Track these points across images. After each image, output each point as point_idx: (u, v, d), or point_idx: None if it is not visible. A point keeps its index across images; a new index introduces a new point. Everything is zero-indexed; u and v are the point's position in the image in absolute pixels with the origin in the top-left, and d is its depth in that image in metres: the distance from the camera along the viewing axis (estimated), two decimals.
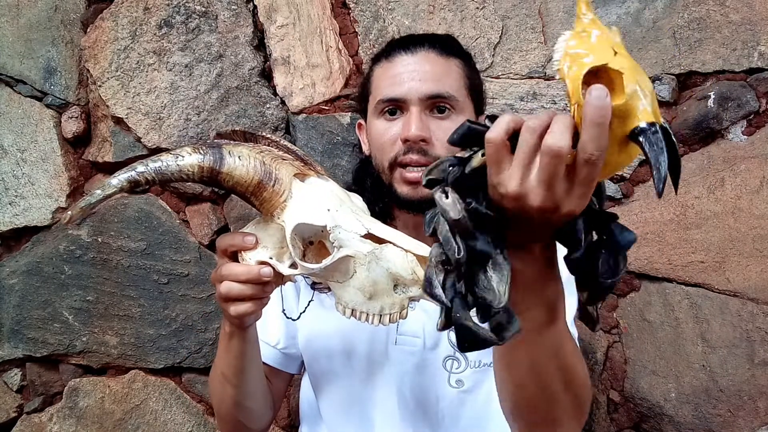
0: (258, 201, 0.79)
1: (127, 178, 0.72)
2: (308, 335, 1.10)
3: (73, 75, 1.64)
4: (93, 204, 0.71)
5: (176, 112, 1.55)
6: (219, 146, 0.77)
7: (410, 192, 1.01)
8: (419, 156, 0.99)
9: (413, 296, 0.78)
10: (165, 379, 1.60)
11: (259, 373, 1.02)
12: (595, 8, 1.38)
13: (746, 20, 1.32)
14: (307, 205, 0.78)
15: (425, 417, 1.03)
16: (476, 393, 1.03)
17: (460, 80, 1.04)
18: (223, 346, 0.95)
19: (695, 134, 1.35)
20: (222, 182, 0.76)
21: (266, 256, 0.80)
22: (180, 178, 0.74)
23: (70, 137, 1.63)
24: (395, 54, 1.05)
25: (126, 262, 1.57)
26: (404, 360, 1.03)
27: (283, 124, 1.53)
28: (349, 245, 0.76)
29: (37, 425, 1.65)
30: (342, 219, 0.77)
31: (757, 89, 1.33)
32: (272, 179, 0.77)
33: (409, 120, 0.99)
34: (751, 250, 1.31)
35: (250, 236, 0.81)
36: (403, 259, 0.77)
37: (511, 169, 0.54)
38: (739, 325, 1.30)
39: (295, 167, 0.80)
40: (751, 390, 1.29)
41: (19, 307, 1.63)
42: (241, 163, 0.76)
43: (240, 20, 1.53)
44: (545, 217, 0.55)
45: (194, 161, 0.74)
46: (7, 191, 1.65)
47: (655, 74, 1.36)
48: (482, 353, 1.00)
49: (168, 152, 0.75)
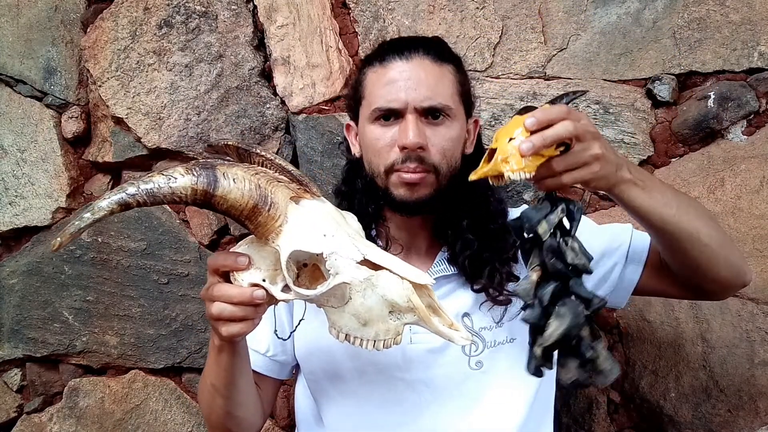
0: (253, 225, 0.77)
1: (118, 200, 0.70)
2: (307, 346, 1.10)
3: (73, 75, 1.64)
4: (82, 228, 0.69)
5: (176, 112, 1.55)
6: (213, 167, 0.74)
7: (407, 194, 1.02)
8: (416, 164, 1.00)
9: (408, 323, 0.78)
10: (165, 379, 1.60)
11: (249, 383, 1.02)
12: (595, 8, 1.38)
13: (746, 20, 1.32)
14: (302, 231, 0.76)
15: (450, 402, 1.04)
16: (495, 372, 1.05)
17: (453, 87, 1.05)
18: (213, 359, 0.95)
19: (695, 134, 1.35)
20: (216, 205, 0.74)
21: (259, 278, 0.79)
22: (172, 200, 0.72)
23: (70, 137, 1.63)
24: (390, 59, 1.05)
25: (126, 262, 1.57)
26: (423, 357, 1.04)
27: (283, 124, 1.53)
28: (345, 272, 0.75)
29: (37, 425, 1.65)
30: (338, 245, 0.76)
31: (757, 89, 1.33)
32: (268, 203, 0.75)
33: (406, 127, 1.00)
34: (751, 250, 1.31)
35: (243, 257, 0.80)
36: (399, 286, 0.76)
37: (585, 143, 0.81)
38: (739, 325, 1.31)
39: (291, 190, 0.79)
40: (751, 390, 1.29)
41: (19, 307, 1.63)
42: (236, 186, 0.74)
43: (240, 20, 1.53)
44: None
45: (187, 183, 0.72)
46: (7, 191, 1.65)
47: (655, 74, 1.36)
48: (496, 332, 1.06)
49: (160, 173, 0.72)
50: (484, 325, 1.06)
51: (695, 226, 0.94)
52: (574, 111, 0.81)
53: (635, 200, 0.89)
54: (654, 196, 0.90)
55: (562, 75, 1.40)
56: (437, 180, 1.02)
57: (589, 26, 1.39)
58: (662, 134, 1.38)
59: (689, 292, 1.08)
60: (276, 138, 1.53)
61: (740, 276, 1.03)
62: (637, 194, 0.89)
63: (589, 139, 0.81)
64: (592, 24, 1.39)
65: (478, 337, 1.05)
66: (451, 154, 1.04)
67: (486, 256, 1.05)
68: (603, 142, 0.83)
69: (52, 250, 0.71)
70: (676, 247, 0.96)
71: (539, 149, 0.78)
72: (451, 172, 1.04)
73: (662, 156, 1.38)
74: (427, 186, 1.02)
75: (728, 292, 1.09)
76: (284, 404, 1.56)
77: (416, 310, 0.77)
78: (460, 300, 1.07)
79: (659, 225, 0.92)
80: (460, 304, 1.06)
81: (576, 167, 0.81)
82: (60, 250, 0.70)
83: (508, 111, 1.41)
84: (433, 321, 0.79)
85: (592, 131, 0.82)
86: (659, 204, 0.90)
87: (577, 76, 1.39)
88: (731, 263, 1.00)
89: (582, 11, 1.39)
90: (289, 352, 1.12)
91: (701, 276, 1.00)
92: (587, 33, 1.39)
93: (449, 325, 0.80)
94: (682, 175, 1.36)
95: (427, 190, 1.02)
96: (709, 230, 0.96)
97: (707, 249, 0.95)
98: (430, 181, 1.02)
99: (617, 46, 1.38)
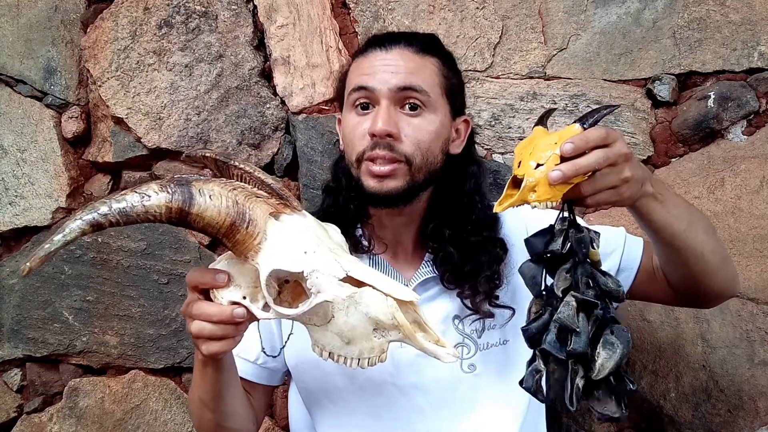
0: (231, 243, 0.74)
1: (89, 220, 0.67)
2: (297, 357, 1.08)
3: (73, 75, 1.64)
4: (53, 251, 0.66)
5: (176, 112, 1.55)
6: (188, 183, 0.71)
7: (376, 185, 0.99)
8: (386, 151, 0.97)
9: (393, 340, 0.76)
10: (165, 379, 1.60)
11: (238, 394, 1.00)
12: (595, 8, 1.38)
13: (746, 20, 1.32)
14: (282, 249, 0.74)
15: (444, 408, 1.03)
16: (488, 374, 1.04)
17: (435, 78, 1.03)
18: (198, 374, 0.93)
19: (695, 134, 1.35)
20: (192, 223, 0.71)
21: (239, 296, 0.77)
22: (146, 219, 0.69)
23: (70, 137, 1.63)
24: (370, 50, 1.04)
25: (126, 262, 1.57)
26: (413, 360, 1.02)
27: (283, 124, 1.53)
28: (327, 290, 0.73)
29: (37, 425, 1.65)
30: (319, 262, 0.73)
31: (757, 89, 1.33)
32: (245, 220, 0.72)
33: (377, 114, 0.98)
34: (751, 250, 1.31)
35: (222, 274, 0.77)
36: (382, 303, 0.74)
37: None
38: (739, 325, 1.30)
39: (270, 205, 0.76)
40: (751, 390, 1.29)
41: (19, 307, 1.63)
42: (212, 203, 0.71)
43: (240, 20, 1.53)
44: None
45: (161, 201, 0.69)
46: (7, 191, 1.65)
47: (655, 74, 1.36)
48: (487, 335, 1.04)
49: (133, 190, 0.69)
50: (475, 327, 1.04)
51: (701, 240, 0.94)
52: (611, 133, 0.78)
53: (652, 214, 0.88)
54: (670, 210, 0.89)
55: (562, 75, 1.40)
56: (410, 172, 0.98)
57: (589, 26, 1.39)
58: (662, 134, 1.38)
59: (679, 300, 1.07)
60: (276, 138, 1.53)
61: (732, 288, 1.05)
62: (655, 208, 0.87)
63: (621, 162, 0.78)
64: (592, 24, 1.39)
65: (469, 339, 1.04)
66: (427, 147, 1.00)
67: (468, 270, 1.02)
68: (632, 162, 0.80)
69: (22, 275, 0.67)
70: (680, 259, 0.96)
71: (569, 179, 0.74)
72: (428, 167, 1.01)
73: (662, 156, 1.38)
74: (398, 178, 0.98)
75: (717, 302, 1.10)
76: (284, 404, 1.55)
77: (401, 328, 0.74)
78: (448, 302, 1.05)
79: (668, 238, 0.92)
80: (449, 307, 1.05)
81: (604, 190, 0.79)
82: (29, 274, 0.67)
83: (508, 111, 1.41)
84: (419, 338, 0.76)
85: (624, 153, 0.78)
86: (673, 218, 0.90)
87: (577, 76, 1.39)
88: (727, 276, 1.01)
89: (582, 11, 1.39)
90: (279, 359, 1.10)
91: (697, 287, 1.00)
92: (587, 33, 1.39)
93: (435, 341, 0.78)
94: (682, 175, 1.36)
95: (399, 183, 0.98)
96: (713, 245, 0.96)
97: (709, 264, 0.96)
98: (401, 172, 0.98)
99: (617, 46, 1.38)
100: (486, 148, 1.43)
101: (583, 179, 0.77)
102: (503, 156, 1.42)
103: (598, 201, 0.80)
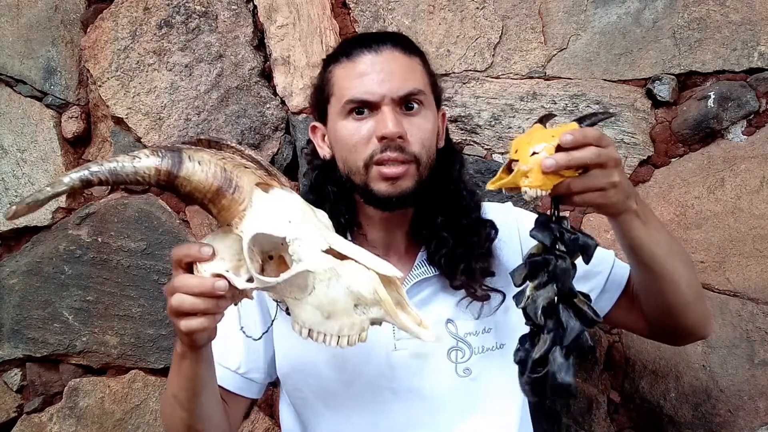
0: (216, 209, 0.75)
1: (80, 177, 0.69)
2: (290, 362, 1.06)
3: (73, 75, 1.64)
4: (41, 201, 0.68)
5: (176, 112, 1.55)
6: (179, 150, 0.73)
7: (389, 188, 0.98)
8: (397, 153, 0.97)
9: (374, 318, 0.75)
10: (165, 379, 1.59)
11: (213, 397, 0.97)
12: (595, 8, 1.38)
13: (746, 20, 1.32)
14: (267, 216, 0.74)
15: (441, 412, 1.03)
16: (484, 379, 1.03)
17: (424, 77, 1.04)
18: (175, 368, 0.91)
19: (695, 134, 1.35)
20: (179, 187, 0.73)
21: (222, 269, 0.76)
22: (135, 180, 0.71)
23: (70, 137, 1.63)
24: (357, 53, 1.02)
25: (126, 262, 1.57)
26: (409, 364, 1.02)
27: (283, 124, 1.53)
28: (309, 259, 0.73)
29: (37, 425, 1.65)
30: (303, 232, 0.73)
31: (757, 89, 1.33)
32: (232, 186, 0.74)
33: (384, 117, 0.97)
34: (751, 250, 1.31)
35: (207, 247, 0.77)
36: (365, 277, 0.73)
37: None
38: (739, 325, 1.31)
39: (258, 176, 0.77)
40: (751, 390, 1.30)
41: (19, 307, 1.63)
42: (200, 168, 0.73)
43: (240, 20, 1.53)
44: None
45: (151, 164, 0.71)
46: (7, 191, 1.65)
47: (655, 74, 1.36)
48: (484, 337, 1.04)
49: (126, 154, 0.72)
50: (469, 330, 1.04)
51: (679, 271, 0.95)
52: (605, 137, 0.82)
53: (633, 231, 0.89)
54: (651, 233, 0.91)
55: (562, 75, 1.40)
56: (418, 171, 0.99)
57: (589, 26, 1.39)
58: (662, 134, 1.38)
59: (651, 332, 1.08)
60: (276, 138, 1.54)
61: (704, 328, 1.05)
62: (637, 226, 0.89)
63: (611, 166, 0.81)
64: (592, 24, 1.39)
65: (463, 343, 1.03)
66: (430, 145, 1.02)
67: (460, 252, 1.03)
68: (621, 169, 0.84)
69: (7, 218, 0.69)
70: (656, 286, 0.97)
71: (561, 168, 0.77)
72: (431, 164, 1.02)
73: (662, 156, 1.38)
74: (409, 178, 0.99)
75: (687, 341, 1.11)
76: None
77: (382, 303, 0.74)
78: (442, 305, 1.04)
79: (647, 261, 0.93)
80: (442, 310, 1.04)
81: (592, 190, 0.81)
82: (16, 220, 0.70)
83: (508, 111, 1.41)
84: (400, 316, 0.76)
85: (615, 158, 0.81)
86: (653, 241, 0.91)
87: (577, 76, 1.39)
88: (699, 314, 1.01)
89: (582, 11, 1.39)
90: (261, 370, 1.08)
91: (669, 319, 1.00)
92: (587, 33, 1.39)
93: (418, 322, 0.77)
94: (682, 175, 1.36)
95: (410, 183, 0.99)
96: (689, 279, 0.97)
97: (683, 296, 0.96)
98: (412, 172, 0.99)
99: (617, 46, 1.38)
100: (486, 148, 1.43)
101: (574, 175, 0.79)
102: (503, 156, 1.42)
103: (585, 200, 0.82)
